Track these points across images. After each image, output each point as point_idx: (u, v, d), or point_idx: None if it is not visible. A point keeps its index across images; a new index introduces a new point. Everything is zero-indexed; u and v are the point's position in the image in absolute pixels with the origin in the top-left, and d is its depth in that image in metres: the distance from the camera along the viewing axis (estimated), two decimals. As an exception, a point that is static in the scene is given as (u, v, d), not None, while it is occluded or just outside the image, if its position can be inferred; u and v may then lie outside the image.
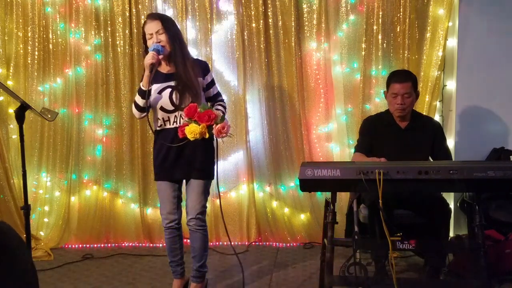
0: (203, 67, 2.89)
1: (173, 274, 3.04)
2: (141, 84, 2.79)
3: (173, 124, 2.81)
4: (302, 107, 4.00)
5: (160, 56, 2.73)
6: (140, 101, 2.79)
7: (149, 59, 2.69)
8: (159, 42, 2.73)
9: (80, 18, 4.08)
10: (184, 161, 2.81)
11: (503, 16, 3.76)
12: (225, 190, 4.14)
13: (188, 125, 2.57)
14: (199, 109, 2.58)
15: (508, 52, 3.77)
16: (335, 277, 2.55)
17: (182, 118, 2.76)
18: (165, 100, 2.79)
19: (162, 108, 2.82)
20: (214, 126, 2.58)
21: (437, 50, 3.76)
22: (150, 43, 2.76)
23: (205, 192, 2.89)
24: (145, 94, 2.73)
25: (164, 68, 2.86)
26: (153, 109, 2.86)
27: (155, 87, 2.81)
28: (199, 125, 2.55)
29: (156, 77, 2.79)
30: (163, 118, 2.83)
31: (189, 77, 2.75)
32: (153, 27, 2.74)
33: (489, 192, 3.35)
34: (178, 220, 2.95)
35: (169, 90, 2.80)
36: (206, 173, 2.85)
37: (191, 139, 2.57)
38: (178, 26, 2.96)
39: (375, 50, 3.85)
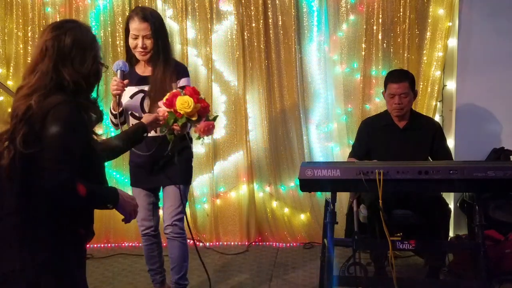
0: (179, 72, 2.68)
1: (152, 282, 2.90)
2: (111, 106, 2.63)
3: None
4: (302, 107, 4.00)
5: (126, 81, 2.51)
6: (113, 119, 2.65)
7: (113, 89, 2.48)
8: (144, 48, 2.57)
9: (80, 18, 4.07)
10: (159, 168, 2.66)
11: (503, 16, 3.75)
12: (225, 190, 4.14)
13: (181, 95, 2.32)
14: (200, 95, 2.41)
15: (508, 52, 3.77)
16: (335, 277, 2.55)
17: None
18: (135, 106, 2.62)
19: (132, 114, 2.66)
20: (203, 119, 2.40)
21: (437, 50, 3.76)
22: (133, 43, 2.60)
23: (183, 197, 2.68)
24: (115, 115, 2.60)
25: (141, 69, 2.70)
26: (126, 116, 2.70)
27: (128, 91, 2.62)
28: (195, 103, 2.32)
29: (131, 78, 2.61)
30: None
31: (164, 84, 2.57)
32: (140, 29, 2.56)
33: (489, 192, 3.35)
34: (154, 227, 2.81)
35: (141, 95, 2.64)
36: (182, 179, 2.65)
37: (180, 111, 2.31)
38: (165, 25, 2.79)
39: (375, 50, 3.85)
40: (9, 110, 1.60)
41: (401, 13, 3.77)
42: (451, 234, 3.69)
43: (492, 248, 3.04)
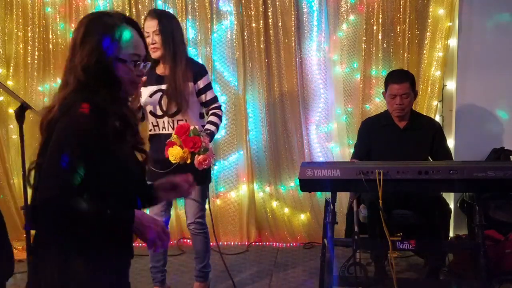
0: (196, 71, 2.79)
1: (153, 280, 2.96)
2: None
3: (162, 130, 2.78)
4: (302, 107, 4.00)
5: (143, 78, 2.70)
6: None
7: None
8: (154, 44, 2.68)
9: (80, 18, 4.07)
10: (176, 167, 2.68)
11: (503, 16, 3.76)
12: (225, 190, 4.14)
13: (172, 146, 2.55)
14: (190, 132, 2.55)
15: (508, 52, 3.77)
16: (335, 277, 2.56)
17: (170, 126, 2.75)
18: (154, 104, 2.75)
19: (151, 113, 2.77)
20: (196, 155, 2.55)
21: (437, 50, 3.76)
22: (148, 40, 2.69)
23: (203, 196, 2.87)
24: None
25: (160, 69, 2.80)
26: (144, 112, 2.82)
27: (148, 90, 2.75)
28: (183, 149, 2.53)
29: (150, 77, 2.69)
30: (152, 123, 2.79)
31: (178, 83, 2.68)
32: (150, 26, 2.68)
33: (489, 192, 3.35)
34: (164, 224, 2.90)
35: (159, 94, 2.75)
36: (202, 178, 2.76)
37: (172, 161, 2.54)
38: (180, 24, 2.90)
39: (375, 50, 3.84)
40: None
41: (401, 13, 3.76)
42: (451, 234, 3.69)
43: (492, 248, 3.04)
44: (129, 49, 1.48)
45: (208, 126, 2.78)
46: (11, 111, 4.07)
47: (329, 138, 4.06)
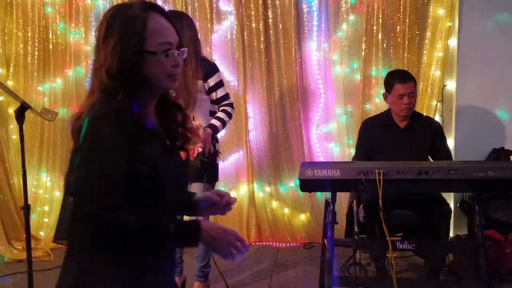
0: (207, 69, 2.85)
1: None
2: None
3: None
4: (302, 107, 4.00)
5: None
6: None
7: None
8: None
9: (80, 18, 4.08)
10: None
11: (503, 16, 3.76)
12: (225, 190, 4.13)
13: None
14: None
15: (508, 52, 3.77)
16: (335, 277, 2.56)
17: None
18: None
19: None
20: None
21: (437, 50, 3.76)
22: None
23: None
24: None
25: None
26: None
27: None
28: None
29: None
30: None
31: (187, 81, 2.75)
32: None
33: (489, 192, 3.35)
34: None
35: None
36: (207, 176, 2.83)
37: None
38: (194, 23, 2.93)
39: (375, 50, 3.84)
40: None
41: (401, 13, 3.76)
42: (451, 234, 3.68)
43: (492, 248, 3.04)
44: (156, 38, 1.30)
45: (213, 121, 2.84)
46: (11, 111, 4.07)
47: (329, 138, 4.06)
